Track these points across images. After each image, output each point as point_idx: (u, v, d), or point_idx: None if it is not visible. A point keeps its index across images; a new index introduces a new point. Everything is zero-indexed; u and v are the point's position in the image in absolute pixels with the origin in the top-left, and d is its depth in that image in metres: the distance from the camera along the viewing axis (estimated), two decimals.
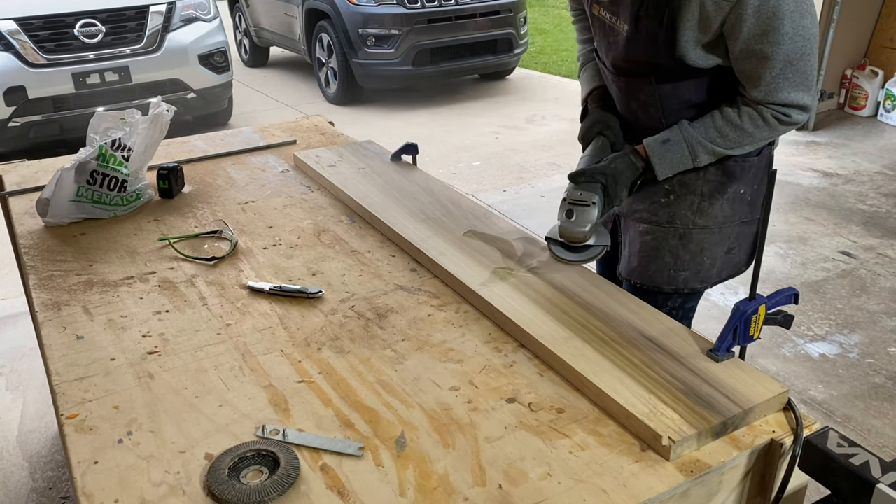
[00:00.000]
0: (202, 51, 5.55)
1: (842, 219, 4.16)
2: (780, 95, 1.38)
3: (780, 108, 1.39)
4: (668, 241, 1.57)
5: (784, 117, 1.40)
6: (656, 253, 1.58)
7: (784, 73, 1.36)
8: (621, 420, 1.05)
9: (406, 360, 1.20)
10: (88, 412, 1.08)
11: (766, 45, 1.33)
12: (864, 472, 0.90)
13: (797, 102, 1.39)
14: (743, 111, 1.41)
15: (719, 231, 1.56)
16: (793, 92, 1.38)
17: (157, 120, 1.78)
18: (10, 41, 4.89)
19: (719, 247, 1.58)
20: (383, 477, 0.96)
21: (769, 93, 1.38)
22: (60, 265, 1.52)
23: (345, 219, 1.73)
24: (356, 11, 6.31)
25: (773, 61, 1.34)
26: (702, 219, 1.54)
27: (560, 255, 1.45)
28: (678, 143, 1.45)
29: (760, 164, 1.55)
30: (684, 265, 1.58)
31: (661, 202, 1.56)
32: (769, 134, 1.43)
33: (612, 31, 1.49)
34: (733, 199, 1.54)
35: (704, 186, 1.52)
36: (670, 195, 1.55)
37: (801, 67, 1.36)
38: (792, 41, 1.33)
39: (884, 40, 5.77)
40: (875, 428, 2.50)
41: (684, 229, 1.56)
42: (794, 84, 1.37)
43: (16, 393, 2.74)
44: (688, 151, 1.45)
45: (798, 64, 1.35)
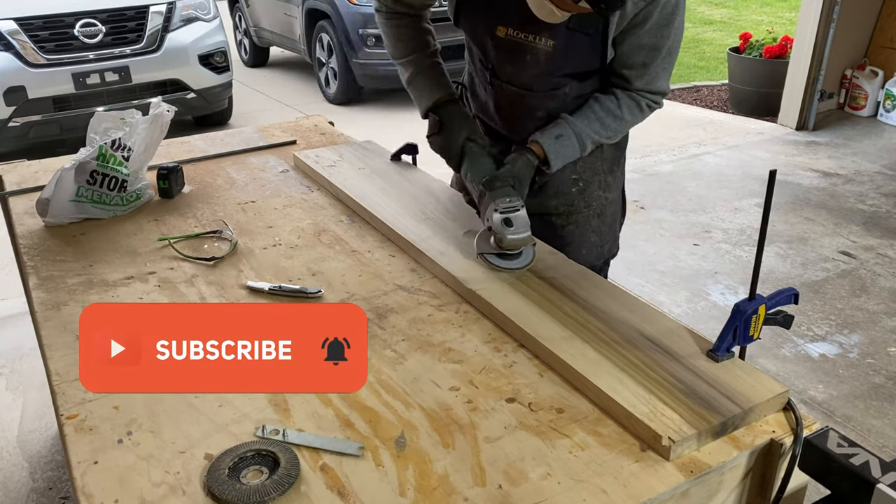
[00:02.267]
0: (202, 51, 5.55)
1: (842, 219, 4.16)
2: (658, 84, 1.52)
3: (653, 96, 1.53)
4: (591, 222, 1.71)
5: (654, 104, 1.55)
6: (583, 237, 1.71)
7: (664, 63, 1.49)
8: (621, 420, 1.05)
9: (406, 360, 1.20)
10: (88, 412, 1.08)
11: (660, 38, 1.44)
12: (864, 472, 0.90)
13: (664, 89, 1.54)
14: (622, 102, 1.52)
15: (619, 197, 1.76)
16: (666, 80, 1.53)
17: (157, 120, 1.77)
18: (10, 41, 4.88)
19: (619, 210, 1.79)
20: (383, 477, 0.95)
21: (651, 81, 1.50)
22: (60, 265, 1.52)
23: (345, 219, 1.73)
24: (356, 11, 6.31)
25: (661, 52, 1.46)
26: (610, 192, 1.71)
27: (502, 265, 1.41)
28: (569, 137, 1.53)
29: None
30: (606, 237, 1.75)
31: (573, 192, 1.67)
32: (641, 120, 1.58)
33: (529, 50, 1.49)
34: (622, 165, 1.74)
35: (604, 164, 1.68)
36: (580, 182, 1.67)
37: (674, 57, 1.51)
38: (675, 33, 1.45)
39: (884, 40, 5.77)
40: (875, 428, 2.50)
41: (600, 208, 1.71)
42: (667, 73, 1.52)
43: (16, 393, 2.74)
44: (577, 144, 1.54)
45: (673, 53, 1.49)
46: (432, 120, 1.64)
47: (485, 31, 1.57)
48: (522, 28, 1.48)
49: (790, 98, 5.67)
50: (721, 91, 6.82)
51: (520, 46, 1.51)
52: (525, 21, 1.42)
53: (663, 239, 3.95)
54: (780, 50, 5.88)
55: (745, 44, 6.14)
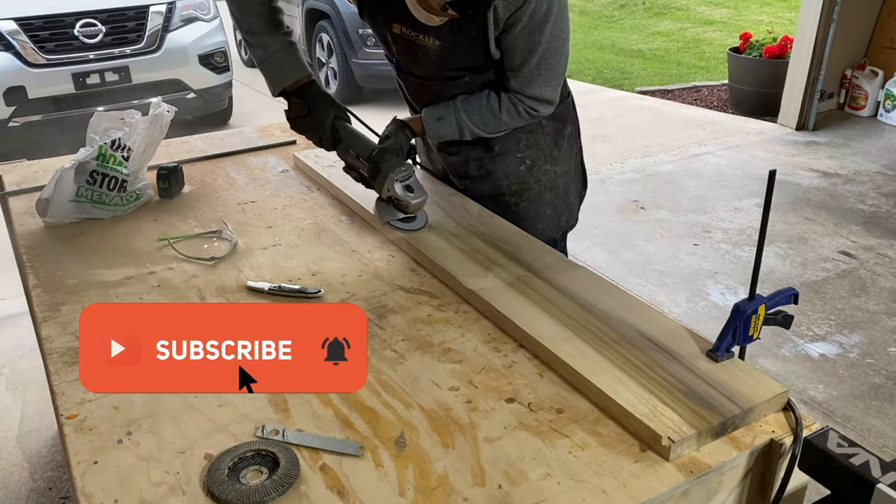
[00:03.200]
0: (202, 51, 5.55)
1: (842, 219, 4.16)
2: (533, 89, 1.57)
3: (530, 102, 1.59)
4: (543, 196, 1.77)
5: (532, 111, 1.61)
6: (538, 212, 1.77)
7: (539, 69, 1.54)
8: (621, 420, 1.05)
9: (406, 360, 1.20)
10: (88, 412, 1.08)
11: (531, 43, 1.50)
12: (864, 472, 0.90)
13: (543, 96, 1.59)
14: (503, 103, 1.61)
15: (570, 170, 1.81)
16: (542, 87, 1.57)
17: (156, 120, 1.77)
18: (10, 41, 4.88)
19: (574, 182, 1.84)
20: (383, 477, 0.95)
21: (525, 85, 1.57)
22: (60, 265, 1.52)
23: (345, 219, 1.73)
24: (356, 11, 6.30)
25: (533, 57, 1.52)
26: (558, 165, 1.77)
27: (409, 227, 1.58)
28: (450, 122, 1.65)
29: (570, 103, 1.79)
30: (561, 210, 1.81)
31: (521, 170, 1.74)
32: (520, 123, 1.65)
33: (420, 47, 1.60)
34: (569, 139, 1.78)
35: (547, 139, 1.74)
36: (526, 160, 1.74)
37: (553, 64, 1.55)
38: (548, 41, 1.50)
39: (884, 40, 5.77)
40: (875, 428, 2.50)
41: (550, 182, 1.77)
42: (544, 79, 1.56)
43: (16, 393, 2.74)
44: (457, 130, 1.65)
45: (550, 61, 1.54)
46: (296, 103, 1.68)
47: (384, 27, 1.67)
48: (413, 27, 1.58)
49: (790, 98, 5.67)
50: (721, 91, 6.82)
51: (412, 44, 1.61)
52: (414, 21, 1.51)
53: (663, 239, 3.95)
54: (780, 50, 5.88)
55: (745, 44, 6.13)
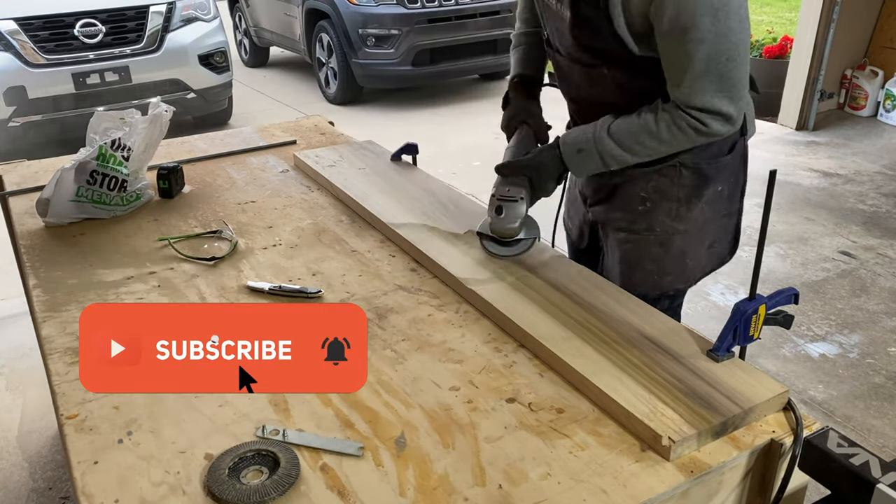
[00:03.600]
0: (202, 51, 5.55)
1: (842, 219, 4.16)
2: (701, 99, 1.30)
3: (699, 114, 1.31)
4: (650, 249, 1.53)
5: (702, 126, 1.32)
6: (638, 262, 1.55)
7: (706, 75, 1.28)
8: (621, 420, 1.05)
9: (406, 360, 1.20)
10: (88, 412, 1.08)
11: (687, 42, 1.26)
12: (864, 472, 0.90)
13: (717, 109, 1.31)
14: (661, 116, 1.35)
15: (700, 233, 1.52)
16: (714, 97, 1.30)
17: (156, 120, 1.77)
18: (10, 41, 4.88)
19: (701, 246, 1.55)
20: (383, 477, 0.95)
21: (690, 95, 1.30)
22: (60, 265, 1.52)
23: (345, 219, 1.73)
24: (356, 11, 6.31)
25: (695, 60, 1.27)
26: (682, 224, 1.50)
27: (493, 250, 1.48)
28: (591, 153, 1.41)
29: (735, 159, 1.51)
30: (667, 270, 1.54)
31: (638, 210, 1.52)
32: (686, 143, 1.37)
33: (557, 17, 1.43)
34: (712, 200, 1.50)
35: (681, 192, 1.48)
36: (647, 202, 1.50)
37: (726, 72, 1.28)
38: (715, 41, 1.25)
39: (884, 40, 5.77)
40: (875, 428, 2.50)
41: (664, 236, 1.51)
42: (717, 89, 1.29)
43: (16, 393, 2.74)
44: (600, 161, 1.42)
45: (722, 67, 1.28)
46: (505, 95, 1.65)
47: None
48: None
49: (790, 98, 5.67)
50: None
51: (551, 12, 1.45)
52: None
53: None
54: (780, 50, 5.88)
55: None
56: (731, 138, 1.46)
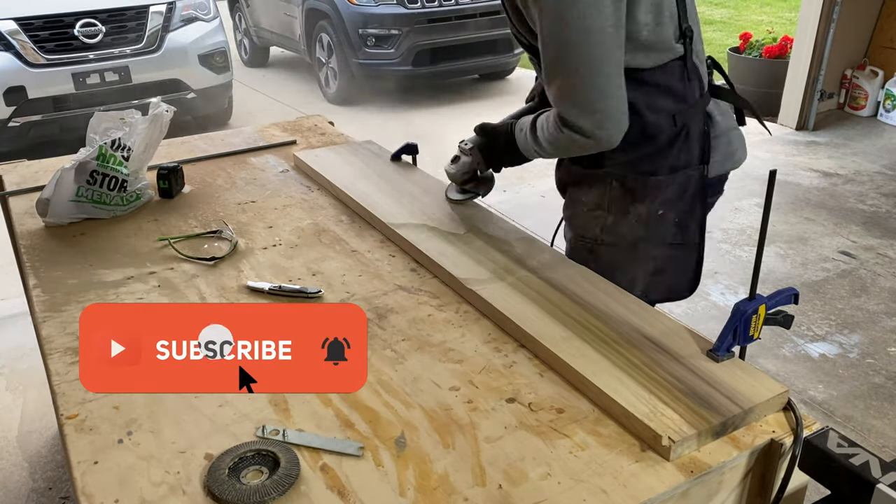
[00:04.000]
0: (202, 51, 5.55)
1: (842, 219, 4.16)
2: (556, 102, 1.31)
3: (558, 118, 1.33)
4: (581, 253, 1.54)
5: (561, 129, 1.33)
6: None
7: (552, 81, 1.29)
8: (621, 420, 1.05)
9: (406, 360, 1.20)
10: (88, 412, 1.08)
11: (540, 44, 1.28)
12: (864, 472, 0.90)
13: (569, 119, 1.30)
14: (550, 114, 1.37)
15: (632, 250, 1.49)
16: (565, 104, 1.29)
17: (156, 120, 1.77)
18: (10, 41, 4.88)
19: (637, 267, 1.51)
20: (383, 477, 0.95)
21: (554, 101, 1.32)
22: (60, 265, 1.52)
23: (345, 219, 1.73)
24: (356, 11, 6.31)
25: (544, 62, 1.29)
26: (608, 236, 1.49)
27: (448, 195, 1.74)
28: (525, 135, 1.45)
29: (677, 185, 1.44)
30: None
31: (577, 213, 1.54)
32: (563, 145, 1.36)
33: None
34: (647, 220, 1.46)
35: (611, 204, 1.47)
36: (584, 208, 1.52)
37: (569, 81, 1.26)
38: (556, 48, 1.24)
39: (884, 40, 5.77)
40: (875, 428, 2.50)
41: (592, 244, 1.53)
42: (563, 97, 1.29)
43: (16, 393, 2.74)
44: (526, 144, 1.46)
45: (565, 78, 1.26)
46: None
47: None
48: None
49: (790, 98, 5.67)
50: None
51: None
52: None
53: None
54: (780, 50, 5.87)
55: (745, 44, 6.13)
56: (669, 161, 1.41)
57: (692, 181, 1.44)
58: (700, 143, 1.43)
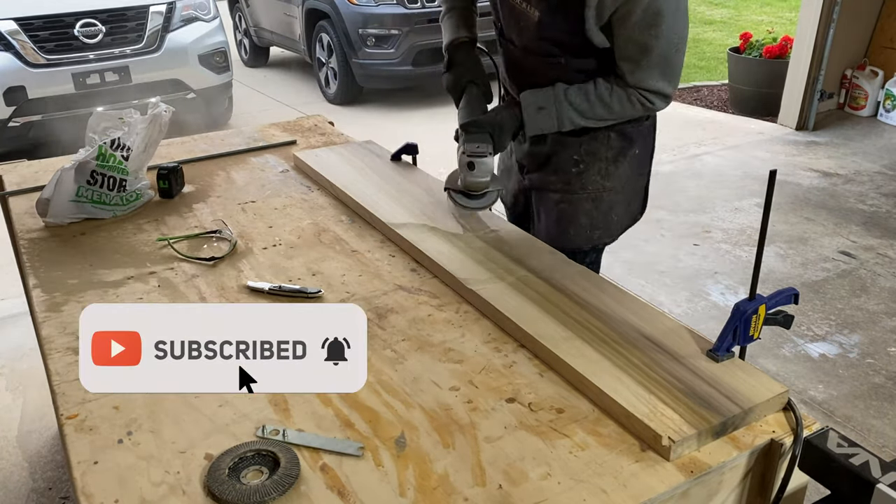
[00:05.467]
0: (202, 51, 5.55)
1: (842, 219, 4.16)
2: (651, 83, 1.53)
3: (647, 94, 1.55)
4: (583, 205, 1.72)
5: (648, 103, 1.56)
6: (573, 218, 1.73)
7: (658, 64, 1.51)
8: (621, 420, 1.05)
9: (406, 360, 1.20)
10: (88, 412, 1.08)
11: (649, 38, 1.47)
12: (864, 472, 0.90)
13: (661, 91, 1.55)
14: (615, 91, 1.56)
15: (623, 190, 1.74)
16: (661, 81, 1.54)
17: (155, 120, 1.77)
18: (10, 41, 4.88)
19: (623, 203, 1.76)
20: (383, 477, 0.95)
21: (642, 79, 1.53)
22: (60, 265, 1.52)
23: (345, 219, 1.73)
24: (356, 11, 6.31)
25: (652, 52, 1.49)
26: (610, 181, 1.71)
27: (464, 203, 1.63)
28: (550, 113, 1.58)
29: (649, 126, 1.74)
30: (598, 224, 1.75)
31: (572, 172, 1.70)
32: (632, 113, 1.60)
33: (522, 15, 1.60)
34: (632, 160, 1.72)
35: (609, 153, 1.69)
36: (580, 164, 1.70)
37: (673, 61, 1.52)
38: (669, 37, 1.48)
39: (884, 40, 5.77)
40: (875, 428, 2.50)
41: (596, 194, 1.72)
42: (664, 74, 1.53)
43: (16, 393, 2.74)
44: (556, 121, 1.59)
45: (671, 58, 1.51)
46: (445, 58, 1.76)
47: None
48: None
49: (790, 98, 5.67)
50: (721, 91, 6.81)
51: (516, 11, 1.62)
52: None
53: (663, 239, 3.95)
54: (780, 50, 5.87)
55: (745, 44, 6.14)
56: None
57: (653, 120, 1.76)
58: None
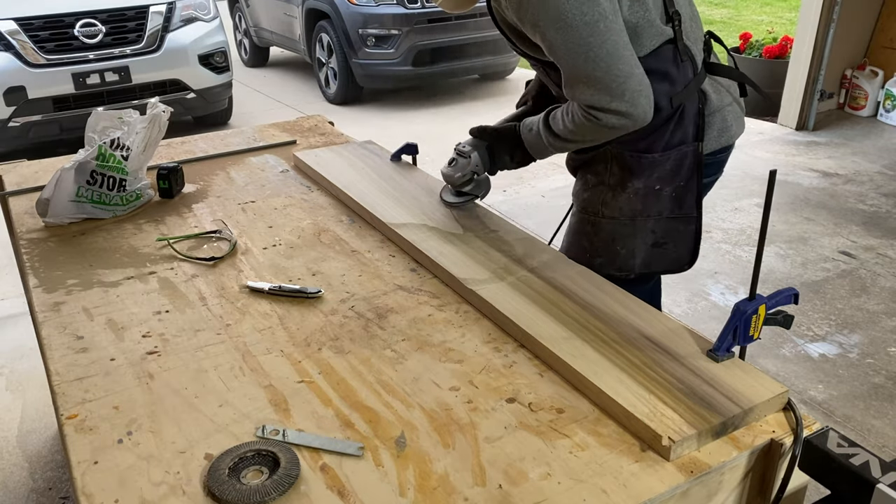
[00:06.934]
0: (202, 51, 5.55)
1: (842, 219, 4.16)
2: (582, 98, 1.41)
3: (589, 110, 1.41)
4: (584, 227, 1.66)
5: (595, 120, 1.41)
6: (576, 236, 1.69)
7: (575, 78, 1.40)
8: (621, 420, 1.05)
9: (406, 360, 1.20)
10: (88, 412, 1.08)
11: (549, 52, 1.40)
12: (864, 472, 0.90)
13: (601, 106, 1.39)
14: (568, 110, 1.47)
15: (631, 224, 1.58)
16: (594, 96, 1.39)
17: (155, 120, 1.78)
18: (10, 41, 4.88)
19: (636, 239, 1.60)
20: (383, 477, 0.96)
21: (573, 95, 1.43)
22: (60, 265, 1.52)
23: (345, 219, 1.73)
24: (356, 11, 6.31)
25: (562, 66, 1.41)
26: (608, 210, 1.60)
27: (444, 198, 1.73)
28: (538, 134, 1.56)
29: (672, 161, 1.53)
30: (598, 252, 1.64)
31: (580, 189, 1.67)
32: (595, 134, 1.46)
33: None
34: (644, 194, 1.55)
35: (610, 179, 1.59)
36: (588, 184, 1.64)
37: (591, 74, 1.37)
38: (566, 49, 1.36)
39: (884, 40, 5.77)
40: (875, 428, 2.50)
41: (594, 218, 1.63)
42: (591, 88, 1.38)
43: (16, 393, 2.74)
44: (543, 143, 1.55)
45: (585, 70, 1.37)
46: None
47: None
48: None
49: (790, 98, 5.67)
50: None
51: None
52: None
53: None
54: (780, 50, 5.88)
55: (745, 44, 6.14)
56: (664, 140, 1.51)
57: (687, 157, 1.53)
58: (695, 121, 1.52)
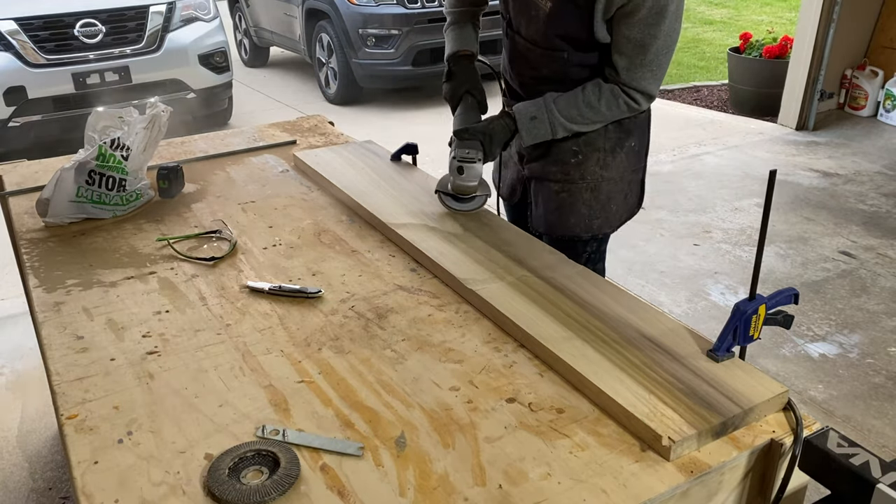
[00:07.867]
0: (202, 51, 5.55)
1: (842, 219, 4.16)
2: (640, 83, 1.59)
3: (635, 94, 1.60)
4: (582, 194, 1.77)
5: (634, 104, 1.62)
6: (572, 207, 1.78)
7: (651, 63, 1.56)
8: (621, 420, 1.05)
9: (406, 360, 1.20)
10: (88, 412, 1.08)
11: (648, 36, 1.52)
12: (864, 472, 0.90)
13: (650, 91, 1.61)
14: (603, 94, 1.61)
15: (620, 180, 1.79)
16: (651, 82, 1.59)
17: (154, 120, 1.77)
18: (10, 41, 4.88)
19: (620, 194, 1.81)
20: (383, 477, 0.95)
21: (634, 78, 1.58)
22: (60, 265, 1.52)
23: (345, 219, 1.73)
24: (356, 11, 6.31)
25: (649, 51, 1.54)
26: (607, 171, 1.76)
27: (452, 205, 1.69)
28: (543, 121, 1.66)
29: (645, 119, 1.78)
30: (596, 214, 1.79)
31: (571, 162, 1.75)
32: (618, 115, 1.66)
33: (533, 6, 1.63)
34: (629, 152, 1.77)
35: (606, 143, 1.73)
36: (578, 155, 1.74)
37: (664, 63, 1.57)
38: (666, 38, 1.53)
39: (884, 40, 5.77)
40: (875, 428, 2.50)
41: (594, 183, 1.77)
42: (654, 74, 1.58)
43: (16, 393, 2.74)
44: (549, 129, 1.66)
45: (662, 59, 1.56)
46: (446, 69, 1.83)
47: None
48: None
49: (790, 98, 5.67)
50: (721, 91, 6.82)
51: (527, 2, 1.65)
52: None
53: (663, 239, 3.95)
54: (780, 50, 5.87)
55: (745, 44, 6.14)
56: None
57: (648, 113, 1.79)
58: None
